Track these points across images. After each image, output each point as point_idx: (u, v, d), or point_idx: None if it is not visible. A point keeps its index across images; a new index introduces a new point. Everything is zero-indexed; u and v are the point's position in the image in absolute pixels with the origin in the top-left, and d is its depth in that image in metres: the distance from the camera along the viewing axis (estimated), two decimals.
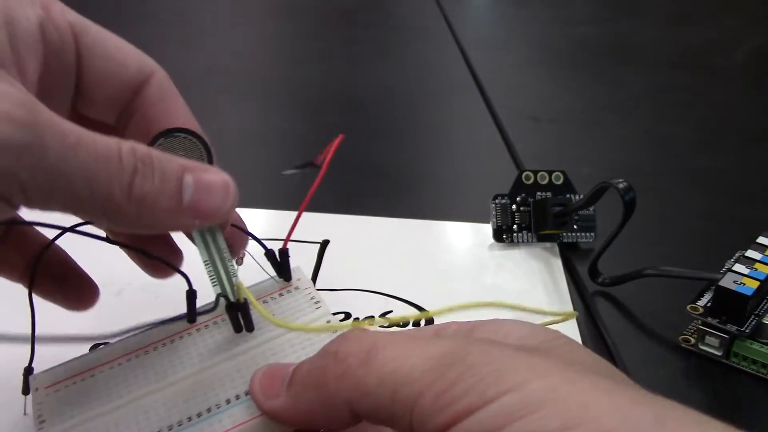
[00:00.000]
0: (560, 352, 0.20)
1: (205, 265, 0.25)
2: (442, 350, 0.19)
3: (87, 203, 0.20)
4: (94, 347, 0.34)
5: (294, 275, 0.28)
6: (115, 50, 0.25)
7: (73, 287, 0.29)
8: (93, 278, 0.29)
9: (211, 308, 0.25)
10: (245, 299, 0.25)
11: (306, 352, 0.25)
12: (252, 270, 0.27)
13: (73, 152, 0.20)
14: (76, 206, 0.20)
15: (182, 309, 0.26)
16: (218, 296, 0.25)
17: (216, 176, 0.22)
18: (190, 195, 0.22)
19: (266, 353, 0.25)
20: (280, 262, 0.27)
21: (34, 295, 0.27)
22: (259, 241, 0.27)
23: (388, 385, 0.19)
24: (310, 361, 0.22)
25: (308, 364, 0.22)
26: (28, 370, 0.26)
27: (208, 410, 0.24)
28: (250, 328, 0.26)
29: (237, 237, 0.27)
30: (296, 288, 0.27)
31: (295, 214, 0.47)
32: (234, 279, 0.25)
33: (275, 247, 0.27)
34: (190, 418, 0.23)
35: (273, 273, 0.28)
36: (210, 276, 0.25)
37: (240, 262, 0.27)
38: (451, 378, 0.18)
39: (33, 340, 0.27)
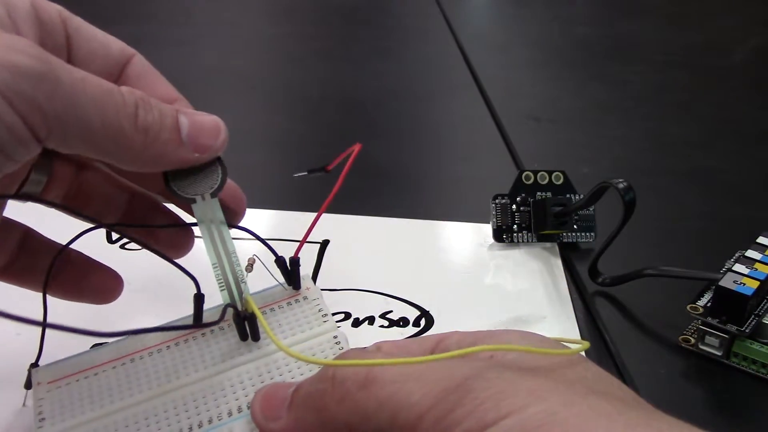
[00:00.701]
0: (561, 370, 0.20)
1: (214, 268, 0.25)
2: (441, 373, 0.19)
3: (99, 134, 0.22)
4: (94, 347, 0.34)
5: (303, 284, 0.27)
6: (99, 33, 0.27)
7: (97, 280, 0.30)
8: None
9: (216, 321, 0.25)
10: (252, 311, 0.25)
11: (310, 367, 0.25)
12: (260, 272, 0.27)
13: (82, 84, 0.21)
14: (90, 138, 0.22)
15: (182, 308, 0.26)
16: (225, 307, 0.25)
17: (207, 117, 0.25)
18: (186, 132, 0.24)
19: (270, 365, 0.25)
20: (290, 271, 0.27)
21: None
22: (270, 248, 0.27)
23: (388, 410, 0.19)
24: (309, 383, 0.22)
25: (307, 387, 0.22)
26: (35, 366, 0.26)
27: (210, 421, 0.23)
28: (256, 337, 0.25)
29: (236, 199, 0.28)
30: (304, 298, 0.27)
31: (295, 214, 0.47)
32: (243, 285, 0.25)
33: (277, 247, 0.27)
34: (191, 428, 0.23)
35: (282, 278, 0.28)
36: (218, 280, 0.25)
37: (249, 269, 0.27)
38: (451, 403, 0.18)
39: (43, 336, 0.27)
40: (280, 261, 0.27)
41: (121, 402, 0.24)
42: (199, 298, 0.25)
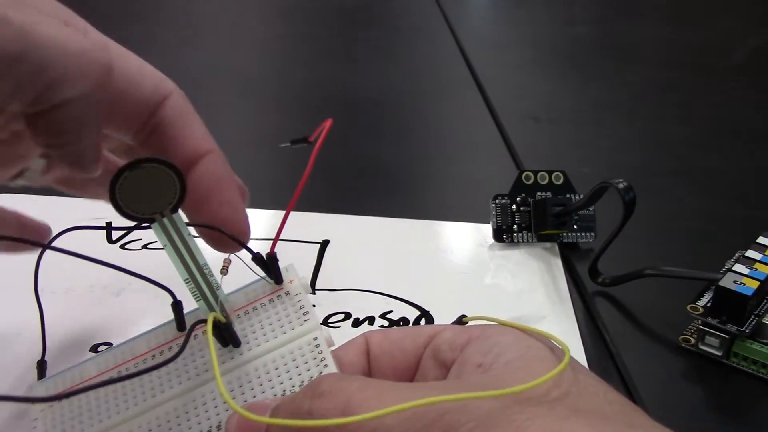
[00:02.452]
0: (545, 385, 0.20)
1: (186, 283, 0.24)
2: (419, 407, 0.19)
3: None
4: (94, 348, 0.34)
5: (287, 276, 0.26)
6: (133, 67, 0.25)
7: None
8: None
9: (175, 355, 0.24)
10: (226, 317, 0.24)
11: (291, 376, 0.24)
12: (242, 271, 0.27)
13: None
14: None
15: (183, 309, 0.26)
16: (194, 325, 0.24)
17: None
18: None
19: (251, 374, 0.24)
20: (269, 267, 0.26)
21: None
22: (246, 246, 0.26)
23: None
24: (283, 415, 0.21)
25: (283, 418, 0.21)
26: (42, 363, 0.26)
27: None
28: (236, 343, 0.25)
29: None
30: (287, 293, 0.26)
31: (297, 214, 0.47)
32: (218, 291, 0.24)
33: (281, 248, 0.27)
34: None
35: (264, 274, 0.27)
36: (192, 293, 0.24)
37: (225, 271, 0.26)
38: None
39: (43, 334, 0.27)
40: (257, 257, 0.26)
41: (108, 420, 0.24)
42: (177, 306, 0.25)
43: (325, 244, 0.44)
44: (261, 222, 0.46)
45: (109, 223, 0.25)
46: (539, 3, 1.15)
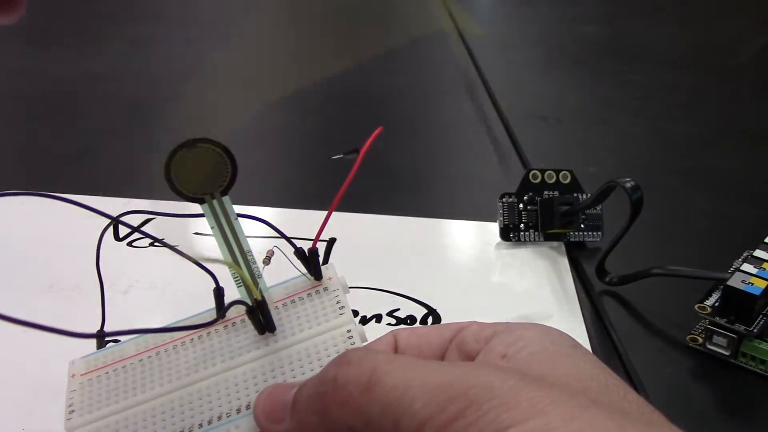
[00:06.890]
0: (567, 378, 0.20)
1: (229, 267, 0.25)
2: (444, 381, 0.19)
3: None
4: (102, 345, 0.34)
5: (326, 274, 0.27)
6: None
7: None
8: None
9: (216, 318, 0.25)
10: (263, 299, 0.25)
11: (322, 364, 0.25)
12: (281, 265, 0.27)
13: None
14: None
15: (190, 305, 0.26)
16: (230, 304, 0.25)
17: None
18: None
19: (283, 360, 0.25)
20: (309, 262, 0.27)
21: None
22: (288, 239, 0.27)
23: (390, 416, 0.19)
24: (310, 385, 0.21)
25: (308, 389, 0.21)
26: (100, 331, 0.27)
27: (219, 418, 0.24)
28: (272, 329, 0.26)
29: None
30: (325, 289, 0.27)
31: (298, 212, 0.47)
32: (259, 280, 0.25)
33: (286, 244, 0.27)
34: (201, 425, 0.24)
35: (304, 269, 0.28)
36: (235, 278, 0.25)
37: (267, 261, 0.26)
38: (452, 413, 0.18)
39: (103, 306, 0.27)
40: (299, 252, 0.27)
41: (142, 395, 0.25)
42: (219, 291, 0.25)
43: (332, 242, 0.44)
44: (268, 219, 0.46)
45: (117, 220, 0.26)
46: (545, 2, 1.15)
